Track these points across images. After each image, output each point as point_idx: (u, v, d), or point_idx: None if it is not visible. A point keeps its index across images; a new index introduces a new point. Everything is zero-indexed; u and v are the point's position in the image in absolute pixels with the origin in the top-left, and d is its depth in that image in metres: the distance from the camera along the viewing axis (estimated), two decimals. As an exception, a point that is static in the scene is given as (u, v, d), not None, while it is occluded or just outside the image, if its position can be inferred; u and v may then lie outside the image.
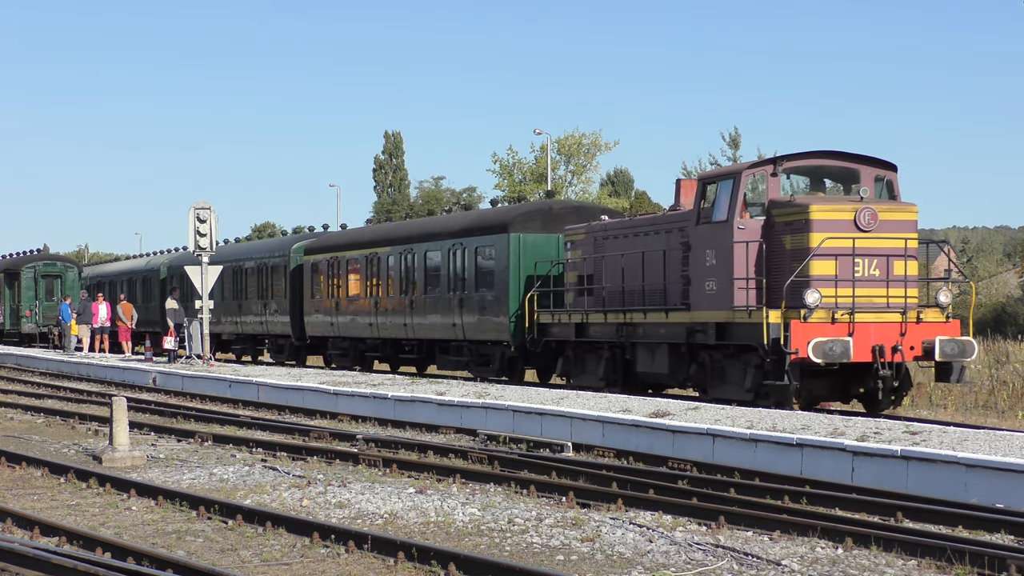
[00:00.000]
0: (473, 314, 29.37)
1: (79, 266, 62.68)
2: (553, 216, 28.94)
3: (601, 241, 25.83)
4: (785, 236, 20.70)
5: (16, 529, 11.78)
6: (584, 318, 25.65)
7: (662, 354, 23.34)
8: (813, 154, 21.78)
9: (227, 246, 47.86)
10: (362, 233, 37.98)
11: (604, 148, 70.75)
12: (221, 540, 11.40)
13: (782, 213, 20.81)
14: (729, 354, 21.63)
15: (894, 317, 20.23)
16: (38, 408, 25.49)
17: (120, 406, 17.27)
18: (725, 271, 21.16)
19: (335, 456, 17.04)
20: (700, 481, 14.46)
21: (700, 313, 21.93)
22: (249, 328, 42.22)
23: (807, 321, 19.73)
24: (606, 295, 25.24)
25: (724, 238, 21.16)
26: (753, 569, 10.01)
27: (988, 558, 9.93)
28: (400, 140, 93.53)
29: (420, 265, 31.87)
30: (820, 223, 20.20)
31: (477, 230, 29.92)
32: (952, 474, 13.71)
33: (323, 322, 37.05)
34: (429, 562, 10.03)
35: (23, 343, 57.08)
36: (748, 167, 21.42)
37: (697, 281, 22.02)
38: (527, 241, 28.38)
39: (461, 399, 22.25)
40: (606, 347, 25.21)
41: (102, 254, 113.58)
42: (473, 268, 29.64)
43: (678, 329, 22.64)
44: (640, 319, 23.77)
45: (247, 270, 42.32)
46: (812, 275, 20.03)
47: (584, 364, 26.16)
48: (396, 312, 32.87)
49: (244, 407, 26.20)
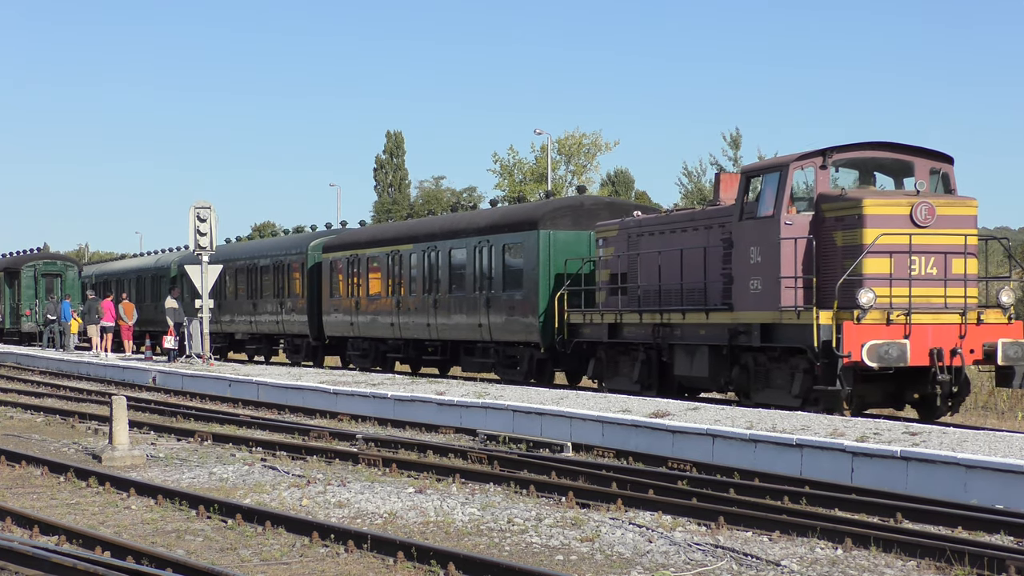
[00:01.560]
0: (500, 314, 28.60)
1: (79, 265, 62.70)
2: (584, 212, 28.10)
3: (635, 238, 24.86)
4: (836, 232, 19.71)
5: (15, 528, 11.78)
6: (618, 318, 24.72)
7: (702, 356, 22.32)
8: (864, 145, 20.65)
9: (241, 243, 46.94)
10: (383, 230, 36.97)
11: (604, 148, 70.86)
12: (220, 539, 11.40)
13: (833, 208, 19.78)
14: (775, 357, 20.71)
15: (953, 318, 19.25)
16: (38, 407, 25.49)
17: (120, 405, 17.27)
18: (771, 269, 20.19)
19: (335, 455, 17.04)
20: (700, 481, 14.46)
21: (744, 314, 20.94)
22: (264, 328, 41.31)
23: (861, 322, 18.78)
24: (641, 294, 24.35)
25: (770, 234, 20.20)
26: (752, 569, 10.01)
27: (987, 559, 9.93)
28: (401, 140, 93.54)
29: (444, 263, 31.03)
30: (874, 218, 19.18)
31: (505, 227, 28.98)
32: (952, 475, 13.71)
33: (342, 322, 36.18)
34: (428, 562, 10.03)
35: (23, 342, 57.09)
36: (796, 159, 20.28)
37: (740, 280, 21.07)
38: (557, 238, 27.53)
39: (461, 399, 22.24)
40: (641, 349, 24.26)
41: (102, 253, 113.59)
42: (501, 266, 28.81)
43: (719, 330, 21.67)
44: (678, 319, 22.85)
45: (262, 268, 41.35)
46: (865, 274, 19.08)
47: (617, 366, 25.26)
48: (419, 312, 32.02)
49: (244, 406, 26.20)
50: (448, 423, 21.39)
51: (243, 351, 44.70)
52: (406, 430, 21.15)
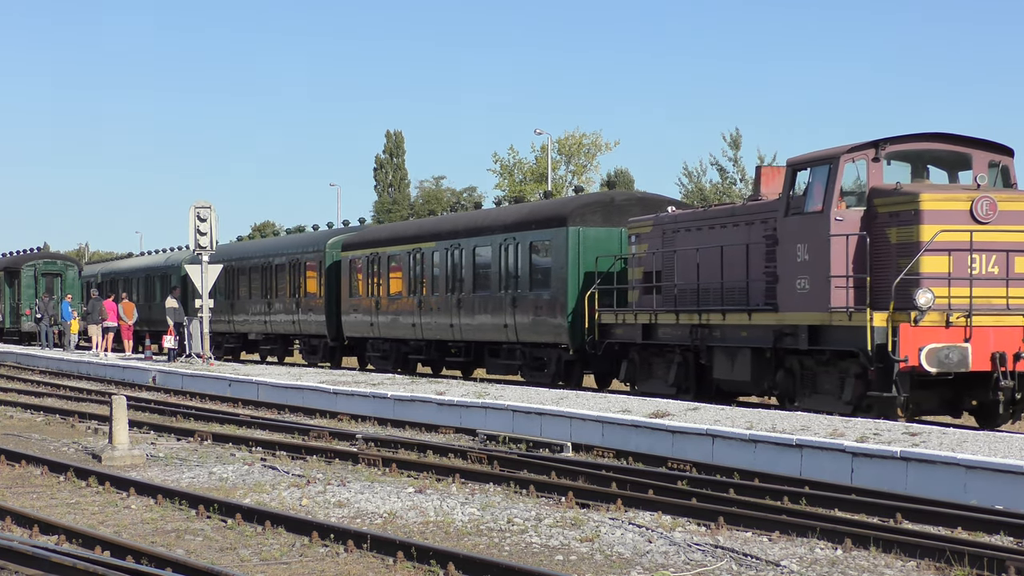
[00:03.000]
0: (527, 314, 27.74)
1: (79, 265, 62.74)
2: (615, 208, 27.14)
3: (671, 234, 23.80)
4: (890, 229, 18.70)
5: (15, 527, 11.78)
6: (653, 319, 23.71)
7: (743, 359, 21.28)
8: (918, 137, 19.72)
9: (255, 241, 45.61)
10: (405, 227, 35.92)
11: (604, 148, 70.90)
12: (220, 539, 11.40)
13: (887, 203, 18.78)
14: (823, 361, 19.68)
15: (1016, 320, 18.16)
16: (38, 406, 25.50)
17: (120, 405, 17.28)
18: (820, 267, 19.20)
19: (334, 455, 17.05)
20: (699, 482, 14.46)
21: (790, 314, 19.95)
22: (279, 328, 40.27)
23: (918, 325, 17.75)
24: (677, 293, 23.31)
25: (819, 231, 19.18)
26: (752, 570, 10.01)
27: (987, 559, 9.93)
28: (401, 139, 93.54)
29: (468, 261, 30.14)
30: (932, 214, 18.10)
31: (532, 223, 28.07)
32: (951, 475, 13.70)
33: (362, 322, 35.24)
34: (428, 562, 10.03)
35: (23, 342, 57.13)
36: (847, 151, 19.17)
37: (786, 279, 20.06)
38: (587, 235, 26.55)
39: (461, 399, 22.25)
40: (677, 351, 23.20)
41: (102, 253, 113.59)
42: (527, 264, 27.93)
43: (763, 332, 20.65)
44: (718, 320, 21.85)
45: (277, 266, 40.24)
46: (923, 273, 18.04)
47: (651, 369, 24.23)
48: (442, 312, 31.13)
49: (244, 406, 26.21)
50: (448, 423, 21.39)
51: (256, 351, 43.68)
52: (406, 430, 21.15)
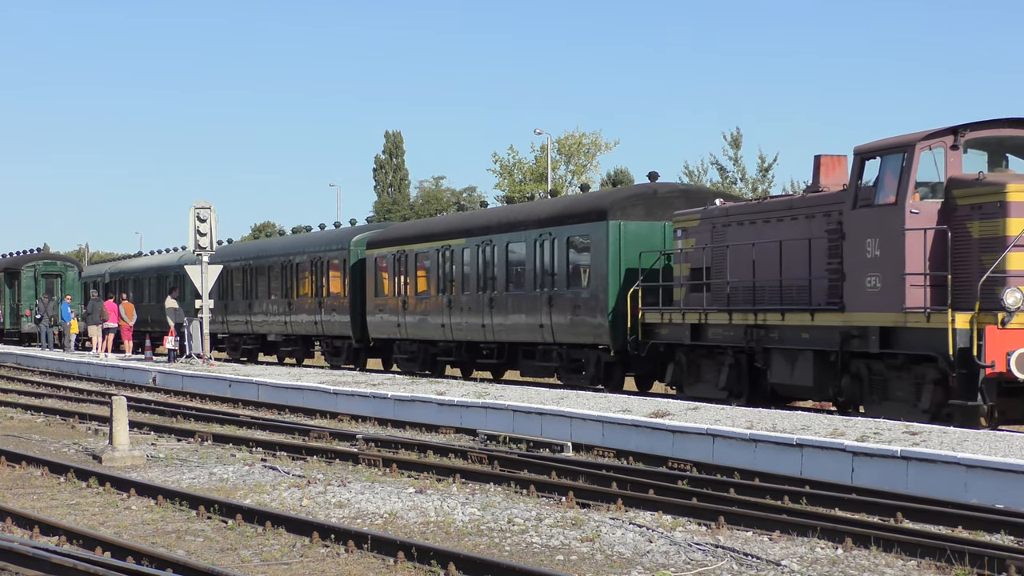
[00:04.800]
0: (565, 313, 26.61)
1: (79, 265, 62.77)
2: (658, 201, 25.94)
3: (721, 228, 22.63)
4: (971, 222, 17.57)
5: (16, 528, 11.78)
6: (702, 318, 22.50)
7: (805, 363, 20.05)
8: (998, 123, 18.51)
9: (276, 239, 44.01)
10: (434, 224, 35.02)
11: (604, 148, 70.87)
12: (221, 540, 11.40)
13: (968, 194, 17.61)
14: (896, 365, 18.42)
15: None
16: (38, 407, 25.50)
17: (120, 405, 17.28)
18: (894, 264, 18.00)
19: (335, 456, 17.04)
20: (700, 481, 14.45)
21: (858, 315, 18.73)
22: (300, 328, 39.16)
23: (1005, 327, 16.61)
24: (730, 291, 22.08)
25: (892, 224, 17.96)
26: (753, 569, 10.01)
27: (988, 559, 9.92)
28: (400, 140, 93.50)
29: (501, 259, 29.06)
30: (1020, 206, 16.95)
31: (570, 217, 26.91)
32: (952, 474, 13.70)
33: (388, 322, 34.12)
34: (429, 562, 10.03)
35: (23, 342, 57.15)
36: (923, 138, 17.98)
37: (854, 276, 18.81)
38: (629, 229, 25.40)
39: (461, 399, 22.25)
40: (729, 352, 22.01)
41: (102, 253, 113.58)
42: (564, 261, 26.76)
43: (827, 333, 19.43)
44: (776, 320, 20.62)
45: (298, 265, 39.11)
46: (1010, 270, 16.94)
47: (699, 372, 23.03)
48: (473, 311, 29.98)
49: (244, 407, 26.20)
50: (448, 423, 21.39)
51: (275, 353, 42.52)
52: (406, 430, 21.15)
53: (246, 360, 42.68)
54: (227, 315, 43.90)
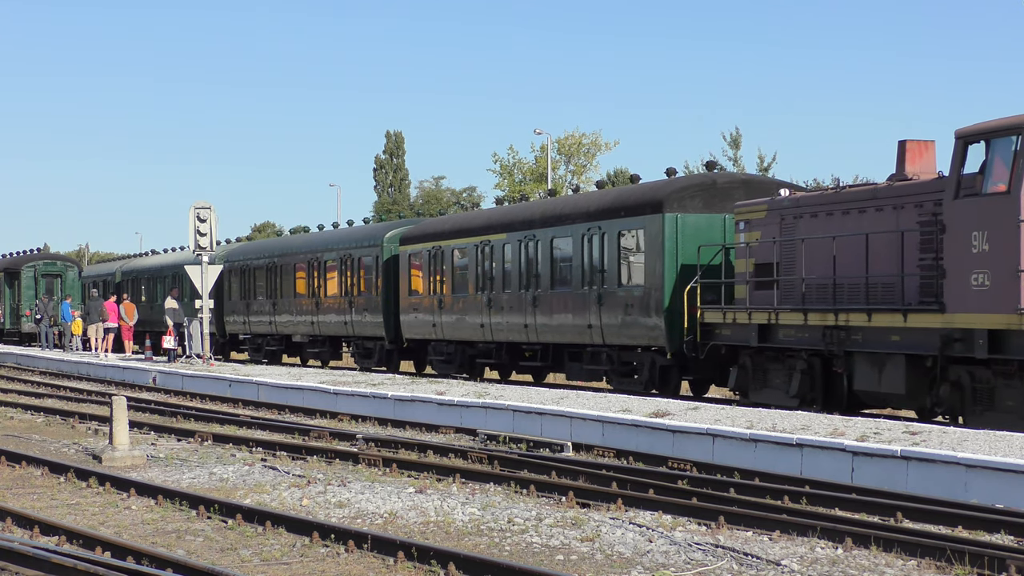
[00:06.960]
0: (615, 313, 24.95)
1: (79, 265, 62.79)
2: (718, 192, 24.29)
3: (791, 220, 20.99)
4: None
5: (16, 528, 11.78)
6: (772, 318, 20.76)
7: (895, 368, 18.45)
8: None
9: (302, 235, 42.83)
10: (471, 218, 32.99)
11: (604, 148, 70.88)
12: (221, 539, 11.40)
13: None
14: (1007, 372, 16.80)
15: None
16: (38, 407, 25.50)
17: (120, 405, 17.28)
18: (1006, 260, 16.23)
19: (335, 456, 17.05)
20: (700, 481, 14.46)
21: (962, 316, 17.04)
22: (329, 329, 37.39)
23: None
24: (804, 289, 20.43)
25: (1004, 215, 16.23)
26: (753, 569, 10.01)
27: (988, 558, 9.93)
28: (401, 140, 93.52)
29: (545, 255, 27.45)
30: None
31: (621, 210, 25.22)
32: (952, 474, 13.70)
33: (423, 322, 32.43)
34: (429, 562, 10.03)
35: (23, 342, 57.16)
36: None
37: (957, 273, 17.07)
38: (686, 223, 23.73)
39: (461, 399, 22.25)
40: (802, 356, 20.37)
41: (102, 253, 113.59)
42: (615, 257, 25.10)
43: (924, 336, 17.77)
44: (860, 321, 18.95)
45: (326, 263, 37.45)
46: None
47: (767, 376, 21.37)
48: (514, 311, 28.46)
49: (244, 406, 26.22)
50: (448, 423, 21.39)
51: (300, 355, 40.84)
52: (406, 430, 21.15)
53: (266, 361, 41.32)
54: (249, 315, 42.55)
